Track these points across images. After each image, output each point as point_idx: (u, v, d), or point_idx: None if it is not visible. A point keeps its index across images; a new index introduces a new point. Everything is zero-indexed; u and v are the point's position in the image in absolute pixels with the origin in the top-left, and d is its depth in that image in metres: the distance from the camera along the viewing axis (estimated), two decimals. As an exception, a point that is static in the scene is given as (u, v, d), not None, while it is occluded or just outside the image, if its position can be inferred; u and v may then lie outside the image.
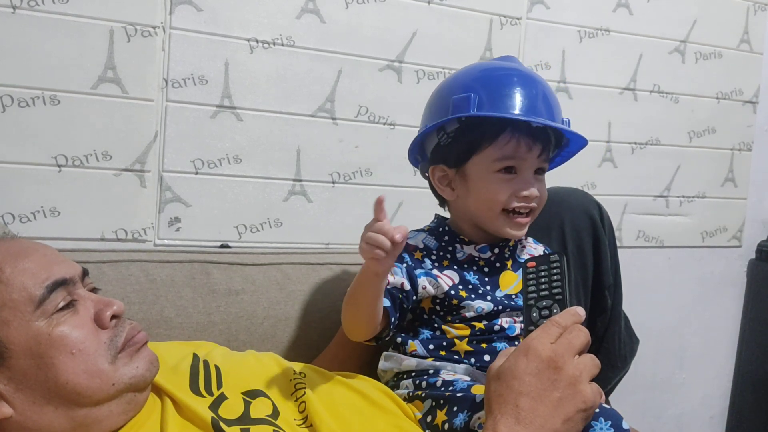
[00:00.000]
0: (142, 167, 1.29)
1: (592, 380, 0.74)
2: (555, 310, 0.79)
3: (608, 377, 1.20)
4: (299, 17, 1.38)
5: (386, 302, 0.92)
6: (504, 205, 0.95)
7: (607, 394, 1.21)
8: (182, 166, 1.31)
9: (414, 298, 0.95)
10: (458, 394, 0.87)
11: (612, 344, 1.18)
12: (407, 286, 0.94)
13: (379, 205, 0.84)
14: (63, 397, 0.72)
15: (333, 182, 1.44)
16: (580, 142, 1.01)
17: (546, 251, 1.07)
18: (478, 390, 0.86)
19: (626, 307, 1.28)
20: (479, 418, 0.81)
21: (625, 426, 0.80)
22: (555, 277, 0.82)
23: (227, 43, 1.32)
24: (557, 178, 1.23)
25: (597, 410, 0.80)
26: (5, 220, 1.20)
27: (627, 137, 1.73)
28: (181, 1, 1.28)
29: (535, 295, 0.82)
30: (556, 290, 0.81)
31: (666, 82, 1.75)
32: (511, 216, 0.96)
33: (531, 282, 0.83)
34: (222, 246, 1.35)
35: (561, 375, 0.71)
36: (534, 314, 0.81)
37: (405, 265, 0.96)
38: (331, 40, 1.40)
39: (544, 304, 0.81)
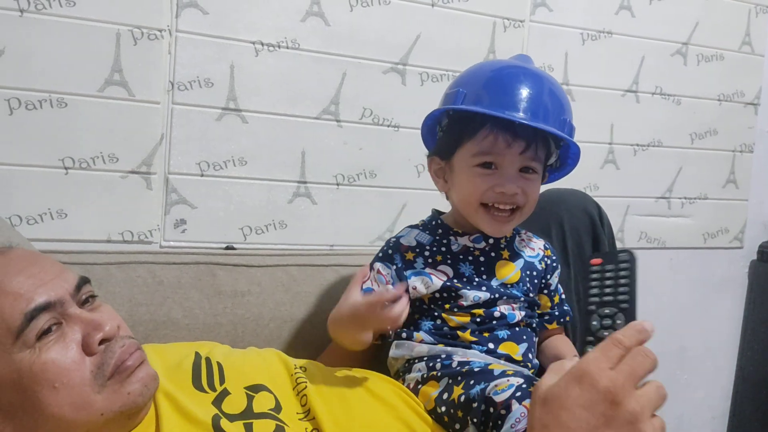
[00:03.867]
0: (148, 169, 1.29)
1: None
2: (619, 321, 0.69)
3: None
4: (304, 20, 1.38)
5: None
6: (481, 198, 0.96)
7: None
8: (188, 168, 1.32)
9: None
10: (476, 369, 0.88)
11: None
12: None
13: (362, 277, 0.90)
14: (52, 428, 0.70)
15: (337, 184, 1.45)
16: (576, 145, 1.00)
17: (546, 246, 1.08)
18: (496, 366, 0.88)
19: (628, 308, 1.28)
20: (496, 386, 0.81)
21: None
22: (622, 281, 0.71)
23: (232, 46, 1.33)
24: (559, 180, 1.24)
25: None
26: (12, 222, 1.21)
27: (629, 139, 1.74)
28: (187, 5, 1.29)
29: (597, 299, 0.71)
30: (622, 296, 0.71)
31: (668, 84, 1.76)
32: (490, 211, 0.96)
33: (594, 283, 0.72)
34: (227, 248, 1.35)
35: (619, 411, 0.60)
36: (594, 323, 0.70)
37: (394, 267, 0.98)
38: (335, 42, 1.41)
39: (607, 311, 0.70)
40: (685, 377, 1.92)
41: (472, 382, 0.86)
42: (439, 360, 0.94)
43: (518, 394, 0.79)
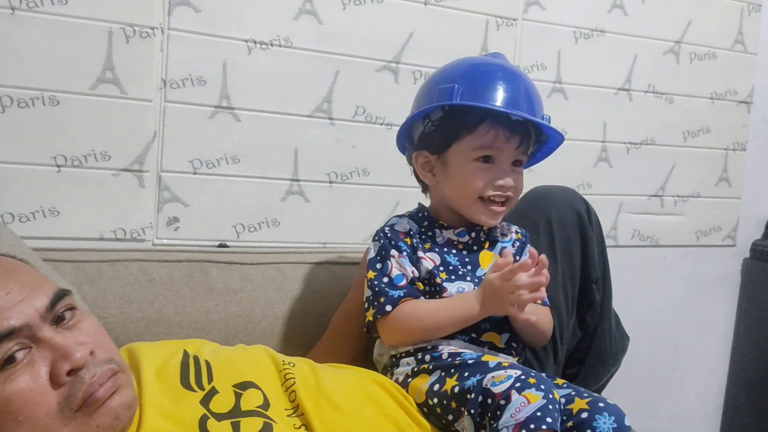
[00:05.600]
0: (140, 167, 1.29)
1: (586, 376, 0.73)
2: None
3: (599, 374, 1.21)
4: (297, 18, 1.38)
5: (423, 299, 0.98)
6: (480, 192, 0.99)
7: (599, 390, 1.23)
8: (180, 166, 1.32)
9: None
10: (469, 361, 0.89)
11: (603, 341, 1.20)
12: (416, 273, 0.99)
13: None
14: None
15: (330, 182, 1.45)
16: (558, 138, 1.05)
17: (517, 231, 1.10)
18: (489, 358, 0.89)
19: (621, 305, 1.29)
20: (493, 377, 0.82)
21: (627, 422, 0.83)
22: None
23: (225, 44, 1.33)
24: (552, 177, 1.25)
25: (601, 405, 0.84)
26: (4, 219, 1.21)
27: (622, 137, 1.74)
28: (179, 2, 1.29)
29: None
30: None
31: (661, 82, 1.76)
32: (486, 204, 1.00)
33: None
34: (220, 245, 1.35)
35: None
36: None
37: (405, 252, 1.00)
38: (328, 41, 1.41)
39: None
40: (679, 374, 1.92)
41: (466, 374, 0.87)
42: (427, 353, 0.95)
43: (518, 384, 0.80)
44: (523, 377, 0.81)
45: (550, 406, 0.77)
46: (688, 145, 1.82)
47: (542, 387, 0.79)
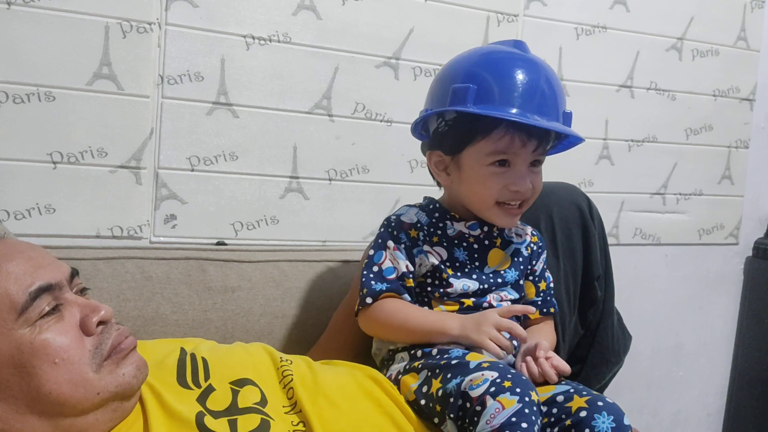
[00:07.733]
0: (137, 164, 1.28)
1: (589, 374, 0.73)
2: None
3: (602, 372, 1.20)
4: (295, 14, 1.37)
5: (408, 297, 0.97)
6: (496, 197, 0.96)
7: (602, 389, 1.22)
8: (178, 163, 1.31)
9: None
10: (453, 362, 0.88)
11: (605, 339, 1.19)
12: (411, 267, 0.98)
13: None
14: (47, 407, 0.71)
15: (330, 179, 1.44)
16: (579, 138, 1.01)
17: (533, 233, 1.08)
18: (473, 357, 0.88)
19: (623, 304, 1.28)
20: (471, 380, 0.82)
21: (626, 421, 0.83)
22: None
23: (223, 39, 1.32)
24: (553, 175, 1.23)
25: (600, 403, 0.83)
26: (0, 217, 1.20)
27: (624, 135, 1.73)
28: (176, -2, 1.28)
29: None
30: None
31: (663, 79, 1.75)
32: (503, 207, 0.97)
33: None
34: (218, 243, 1.34)
35: None
36: None
37: (403, 245, 0.98)
38: (327, 36, 1.40)
39: None
40: (681, 374, 1.91)
41: (449, 375, 0.86)
42: (419, 348, 0.94)
43: (492, 389, 0.79)
44: (498, 380, 0.80)
45: (526, 410, 0.76)
46: (690, 142, 1.81)
47: (518, 390, 0.78)
